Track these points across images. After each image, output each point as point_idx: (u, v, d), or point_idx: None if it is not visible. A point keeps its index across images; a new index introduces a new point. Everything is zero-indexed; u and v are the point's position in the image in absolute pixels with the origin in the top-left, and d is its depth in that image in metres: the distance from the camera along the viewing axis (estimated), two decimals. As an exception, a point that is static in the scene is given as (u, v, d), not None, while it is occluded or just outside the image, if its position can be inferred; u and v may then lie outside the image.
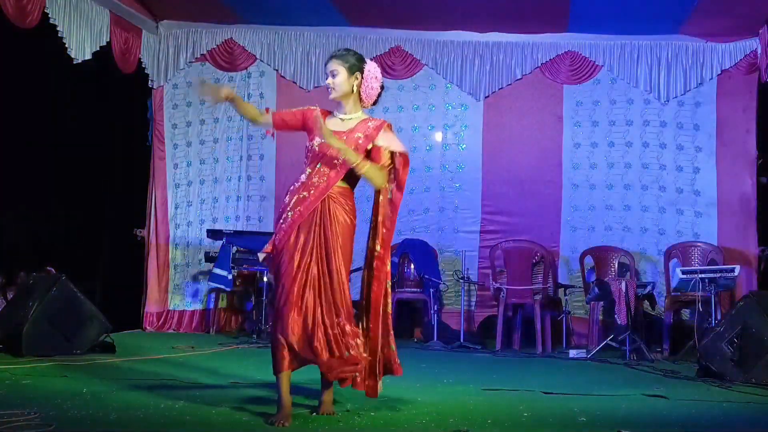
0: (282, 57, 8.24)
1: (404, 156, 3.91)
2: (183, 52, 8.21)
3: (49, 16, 6.43)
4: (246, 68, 8.31)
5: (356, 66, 3.88)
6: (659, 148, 7.95)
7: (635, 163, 7.99)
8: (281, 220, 3.82)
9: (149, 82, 8.18)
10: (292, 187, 3.87)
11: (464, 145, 8.22)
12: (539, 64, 8.09)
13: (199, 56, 8.24)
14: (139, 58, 7.86)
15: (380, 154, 3.85)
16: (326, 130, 3.73)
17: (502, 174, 8.14)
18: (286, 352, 3.73)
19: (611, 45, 8.00)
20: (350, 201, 3.88)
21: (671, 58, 7.91)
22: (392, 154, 3.89)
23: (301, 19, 8.01)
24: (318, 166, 3.82)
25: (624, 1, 7.26)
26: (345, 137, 3.81)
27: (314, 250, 3.75)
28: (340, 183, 3.84)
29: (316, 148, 3.84)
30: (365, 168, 3.77)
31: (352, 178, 3.87)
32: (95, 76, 7.43)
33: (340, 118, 3.91)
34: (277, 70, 8.28)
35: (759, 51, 7.61)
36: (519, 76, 8.12)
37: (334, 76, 3.86)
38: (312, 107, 3.97)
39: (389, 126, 3.94)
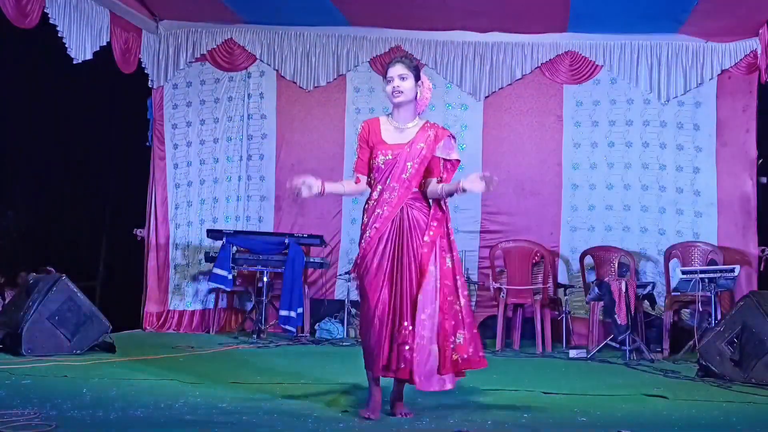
0: (282, 57, 8.24)
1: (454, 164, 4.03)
2: (183, 52, 8.20)
3: (49, 16, 6.43)
4: (246, 68, 8.31)
5: (418, 73, 3.96)
6: (659, 148, 7.95)
7: (635, 163, 7.98)
8: (362, 240, 3.92)
9: (149, 82, 8.17)
10: (366, 206, 3.96)
11: (464, 145, 8.20)
12: (539, 64, 8.09)
13: (199, 56, 8.24)
14: (139, 58, 7.86)
15: (438, 165, 3.96)
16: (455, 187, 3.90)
17: (502, 174, 8.11)
18: (377, 362, 3.80)
19: (611, 45, 8.00)
20: (425, 201, 3.99)
21: (671, 58, 7.91)
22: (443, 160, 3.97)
23: (301, 19, 8.01)
24: (388, 182, 3.90)
25: (624, 1, 7.25)
26: (408, 149, 3.90)
27: (395, 261, 3.84)
28: (415, 193, 3.95)
29: (382, 166, 3.91)
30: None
31: (420, 183, 3.98)
32: (95, 76, 7.43)
33: (398, 127, 3.96)
34: (277, 70, 8.27)
35: (759, 51, 7.60)
36: (519, 76, 8.12)
37: (403, 79, 3.90)
38: (364, 126, 4.03)
39: (451, 137, 4.01)
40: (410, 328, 3.77)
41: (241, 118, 8.31)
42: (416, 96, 3.94)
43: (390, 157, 3.89)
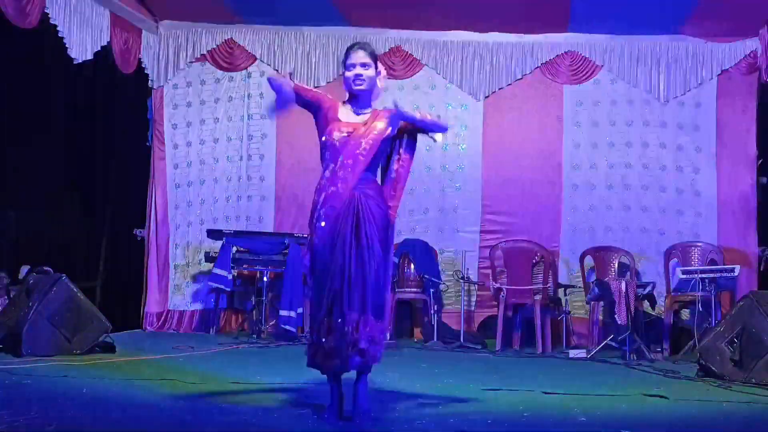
0: (282, 57, 8.24)
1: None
2: (183, 52, 8.20)
3: (50, 16, 6.42)
4: (246, 68, 8.30)
5: (376, 59, 3.88)
6: (659, 149, 7.95)
7: (635, 164, 7.99)
8: (315, 220, 3.77)
9: (149, 82, 8.17)
10: (318, 186, 3.82)
11: (464, 146, 8.22)
12: (539, 64, 8.09)
13: (199, 56, 8.24)
14: (139, 58, 7.86)
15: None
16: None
17: (502, 174, 8.14)
18: (322, 354, 3.69)
19: (611, 45, 8.00)
20: (381, 193, 3.86)
21: (671, 58, 7.91)
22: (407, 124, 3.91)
23: (301, 19, 8.01)
24: (341, 159, 3.76)
25: (624, 1, 7.26)
26: (363, 128, 3.79)
27: (350, 248, 3.67)
28: (369, 174, 3.82)
29: (337, 143, 3.78)
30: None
31: (374, 167, 3.86)
32: (95, 76, 7.43)
33: (354, 111, 3.86)
34: (277, 70, 8.26)
35: (759, 51, 7.61)
36: (519, 76, 8.11)
37: (365, 67, 3.81)
38: (328, 96, 3.94)
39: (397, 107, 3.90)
40: (365, 319, 3.64)
41: (241, 118, 8.31)
42: (374, 84, 3.86)
43: (345, 134, 3.78)
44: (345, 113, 3.87)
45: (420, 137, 4.09)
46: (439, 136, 4.35)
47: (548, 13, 7.61)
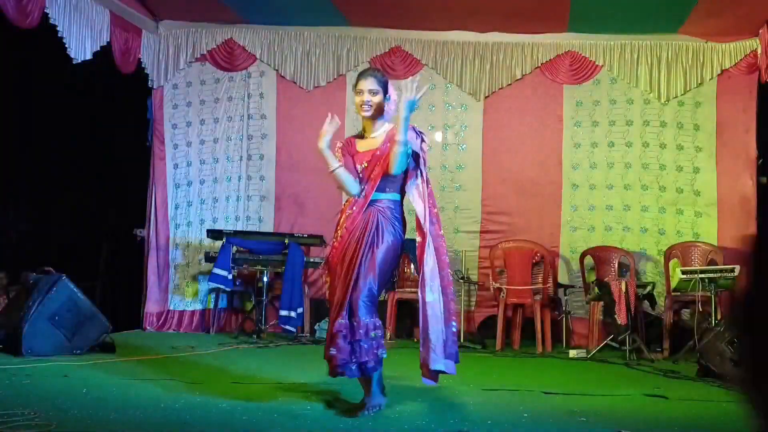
0: (282, 57, 8.24)
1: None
2: (183, 52, 8.20)
3: (50, 16, 6.42)
4: (246, 68, 8.30)
5: (387, 87, 4.06)
6: (659, 148, 7.96)
7: (635, 163, 7.99)
8: (333, 239, 4.07)
9: (149, 82, 8.17)
10: (343, 207, 4.12)
11: (464, 145, 8.22)
12: (539, 64, 8.09)
13: (199, 56, 8.24)
14: (139, 58, 7.86)
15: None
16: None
17: (502, 174, 8.14)
18: (334, 363, 3.87)
19: (611, 45, 8.00)
20: (398, 213, 4.07)
21: (671, 58, 7.91)
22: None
23: (301, 19, 8.01)
24: (364, 188, 4.03)
25: (624, 1, 7.26)
26: (378, 152, 3.99)
27: (357, 261, 3.92)
28: (388, 195, 4.02)
29: (360, 174, 4.05)
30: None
31: (391, 187, 4.03)
32: (95, 76, 7.43)
33: (367, 137, 4.09)
34: (277, 70, 8.27)
35: (759, 51, 7.61)
36: (519, 76, 8.11)
37: (374, 94, 4.01)
38: (341, 145, 4.13)
39: (413, 129, 4.04)
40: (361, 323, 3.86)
41: (241, 118, 8.31)
42: (383, 109, 4.05)
43: (365, 165, 4.02)
44: (361, 142, 4.11)
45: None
46: (439, 136, 4.50)
47: (548, 13, 7.61)
